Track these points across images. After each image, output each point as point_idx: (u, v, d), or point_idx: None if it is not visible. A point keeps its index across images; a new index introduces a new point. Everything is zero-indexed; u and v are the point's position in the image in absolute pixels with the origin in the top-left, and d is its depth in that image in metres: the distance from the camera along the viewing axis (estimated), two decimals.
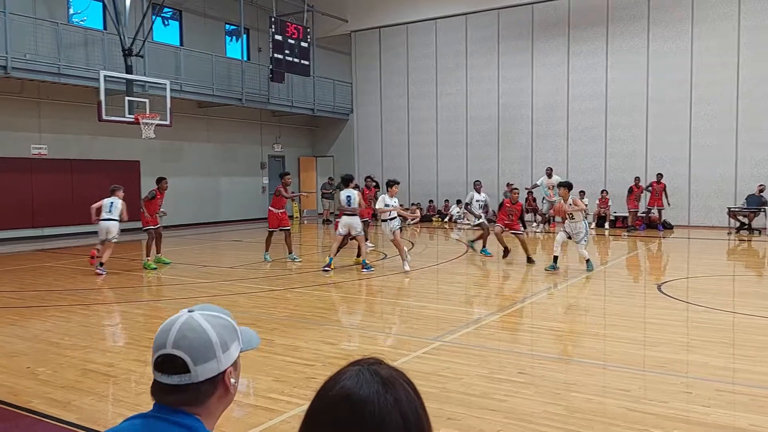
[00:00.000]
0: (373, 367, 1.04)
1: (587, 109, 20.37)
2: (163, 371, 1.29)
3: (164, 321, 1.33)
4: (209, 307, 1.37)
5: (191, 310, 1.34)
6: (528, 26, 21.27)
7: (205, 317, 1.32)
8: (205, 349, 1.28)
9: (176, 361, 1.27)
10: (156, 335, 1.32)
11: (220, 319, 1.34)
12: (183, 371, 1.27)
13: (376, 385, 1.00)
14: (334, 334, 6.61)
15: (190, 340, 1.28)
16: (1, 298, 8.87)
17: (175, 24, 20.93)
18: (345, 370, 1.04)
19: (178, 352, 1.27)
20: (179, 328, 1.29)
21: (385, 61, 24.41)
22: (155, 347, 1.31)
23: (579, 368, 5.45)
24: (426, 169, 23.58)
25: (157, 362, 1.30)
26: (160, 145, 19.16)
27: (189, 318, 1.31)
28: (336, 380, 1.03)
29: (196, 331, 1.29)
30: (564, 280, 10.18)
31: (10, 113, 16.27)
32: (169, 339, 1.28)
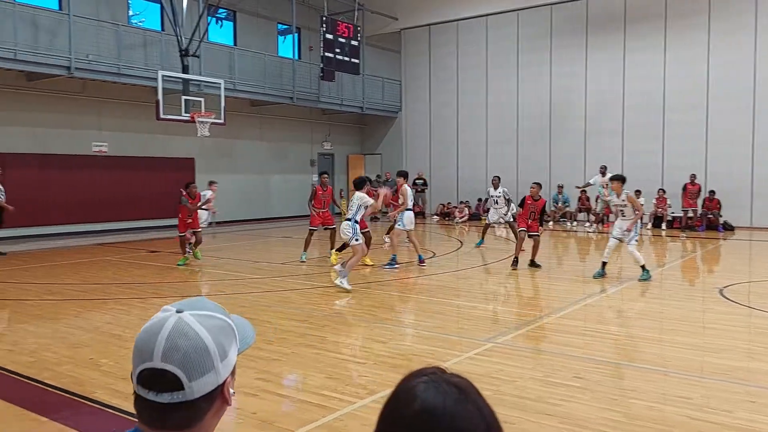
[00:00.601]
0: (443, 377, 1.01)
1: (644, 106, 19.81)
2: (150, 388, 1.06)
3: (148, 322, 1.10)
4: (200, 303, 1.14)
5: (180, 309, 1.10)
6: (582, 22, 20.82)
7: (197, 319, 1.09)
8: (201, 360, 1.06)
9: (166, 377, 1.05)
10: (137, 340, 1.09)
11: (216, 319, 1.12)
12: (175, 388, 1.05)
13: (456, 395, 0.97)
14: (384, 333, 6.63)
15: (184, 351, 1.05)
16: (65, 291, 9.24)
17: (229, 24, 21.33)
18: (413, 383, 1.00)
19: (169, 366, 1.05)
20: (168, 335, 1.06)
21: (435, 59, 24.31)
22: (139, 357, 1.07)
23: (637, 374, 5.31)
24: (475, 166, 23.38)
25: (141, 376, 1.07)
26: (214, 143, 19.58)
27: (179, 321, 1.08)
28: (411, 395, 0.98)
29: (190, 339, 1.06)
30: (619, 282, 9.93)
31: (73, 112, 16.90)
32: (156, 349, 1.05)
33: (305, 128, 24.03)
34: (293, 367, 5.53)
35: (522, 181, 22.15)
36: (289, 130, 23.27)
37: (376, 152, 26.27)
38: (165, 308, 1.12)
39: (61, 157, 16.58)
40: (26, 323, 7.19)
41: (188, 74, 16.39)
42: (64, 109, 16.71)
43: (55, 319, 7.45)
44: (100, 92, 17.25)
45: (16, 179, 15.40)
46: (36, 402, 4.73)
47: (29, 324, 7.14)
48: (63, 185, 16.56)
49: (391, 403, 1.00)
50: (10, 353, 5.93)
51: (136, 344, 1.09)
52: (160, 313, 1.11)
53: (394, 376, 5.17)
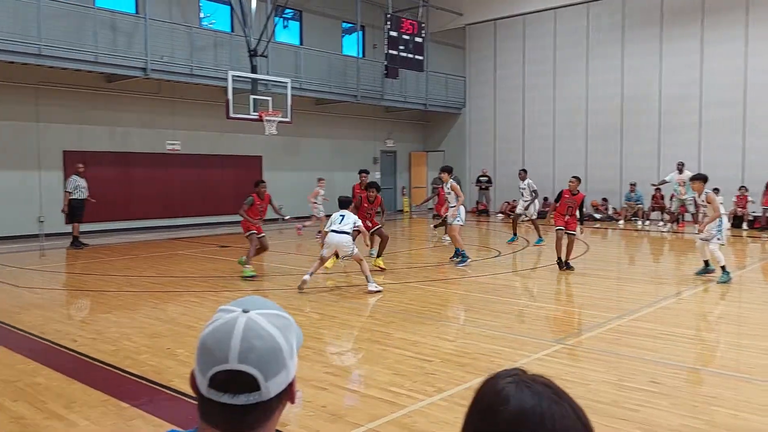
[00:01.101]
0: (532, 377, 0.99)
1: (723, 100, 18.91)
2: (226, 390, 1.04)
3: (214, 323, 1.08)
4: (261, 302, 1.13)
5: (245, 309, 1.09)
6: (657, 13, 20.06)
7: (267, 318, 1.09)
8: (275, 360, 1.06)
9: (244, 378, 1.04)
10: (206, 342, 1.06)
11: (282, 318, 1.12)
12: (252, 389, 1.04)
13: (551, 395, 0.95)
14: (450, 331, 6.59)
15: (259, 351, 1.05)
16: (142, 283, 9.64)
17: (295, 24, 21.69)
18: (502, 384, 0.97)
19: (247, 367, 1.04)
20: (243, 336, 1.05)
21: (500, 54, 23.98)
22: (210, 360, 1.05)
23: (717, 380, 5.08)
24: (542, 163, 22.92)
25: (215, 379, 1.05)
26: (280, 140, 19.96)
27: (249, 321, 1.07)
28: (503, 396, 0.95)
29: (264, 339, 1.06)
30: (695, 285, 9.54)
31: (149, 111, 17.61)
32: (231, 351, 1.04)
33: (368, 126, 24.18)
34: (361, 363, 5.58)
35: (591, 178, 21.59)
36: (353, 127, 23.47)
37: (438, 149, 26.16)
38: (225, 308, 1.11)
39: (137, 155, 17.31)
40: (108, 313, 7.55)
41: (256, 74, 16.78)
42: (141, 109, 17.43)
43: (134, 309, 7.78)
44: (174, 92, 17.89)
45: (97, 176, 16.16)
46: (118, 388, 4.96)
47: (111, 314, 7.49)
48: (139, 182, 17.29)
49: (481, 405, 0.98)
50: (94, 341, 6.24)
51: (206, 346, 1.06)
52: (224, 314, 1.09)
53: (461, 374, 5.15)
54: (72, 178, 14.11)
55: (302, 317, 7.23)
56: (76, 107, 16.14)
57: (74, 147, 16.05)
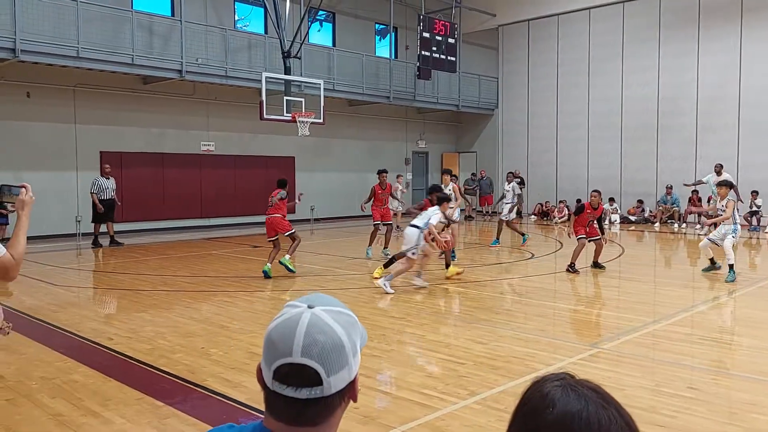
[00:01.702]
0: (579, 381, 0.98)
1: (763, 100, 18.40)
2: (289, 383, 1.07)
3: (280, 317, 1.11)
4: (325, 298, 1.15)
5: (311, 305, 1.12)
6: (694, 12, 19.63)
7: (331, 315, 1.11)
8: (338, 355, 1.08)
9: (306, 372, 1.06)
10: (272, 336, 1.09)
11: (346, 315, 1.13)
12: (314, 383, 1.06)
13: (597, 399, 0.93)
14: (484, 334, 6.54)
15: (322, 346, 1.07)
16: (177, 282, 9.79)
17: (329, 26, 21.80)
18: (548, 388, 0.96)
19: (309, 361, 1.06)
20: (307, 331, 1.07)
21: (533, 54, 23.73)
22: (275, 353, 1.08)
23: (758, 387, 4.93)
24: (576, 164, 22.62)
25: (279, 372, 1.08)
26: (313, 141, 20.09)
27: (314, 317, 1.09)
28: (548, 400, 0.94)
29: (327, 334, 1.08)
30: (732, 289, 9.29)
31: (184, 113, 17.89)
32: (295, 344, 1.06)
33: (400, 126, 24.17)
34: (393, 365, 5.57)
35: (626, 179, 21.25)
36: (385, 128, 23.49)
37: (471, 150, 26.01)
38: (292, 304, 1.13)
39: (173, 156, 17.59)
40: (143, 312, 7.68)
41: (290, 75, 16.90)
42: (176, 111, 17.71)
43: (168, 309, 7.90)
44: (209, 94, 18.14)
45: (133, 176, 16.50)
46: (153, 387, 5.04)
47: (146, 313, 7.62)
48: (174, 182, 17.57)
49: (526, 408, 0.97)
50: (130, 340, 6.35)
51: (271, 339, 1.09)
52: (290, 309, 1.12)
53: (494, 377, 5.10)
54: (95, 179, 14.47)
55: None
56: (112, 108, 16.48)
57: (110, 148, 16.39)
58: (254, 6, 19.41)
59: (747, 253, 14.09)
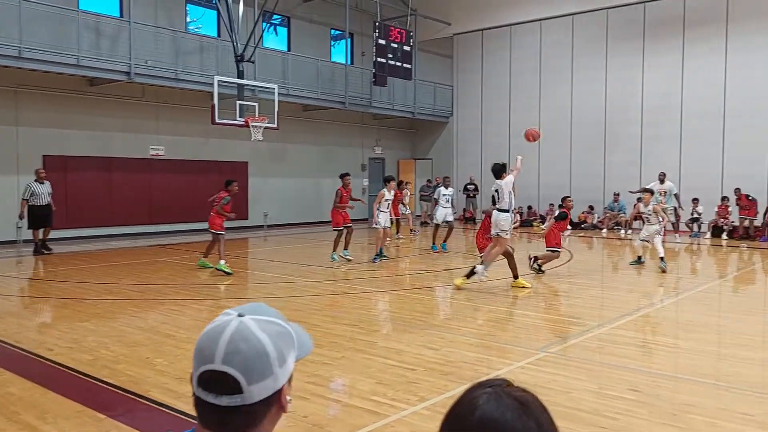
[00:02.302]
0: (506, 390, 1.00)
1: (703, 111, 19.15)
2: (210, 390, 1.08)
3: (210, 325, 1.12)
4: (261, 308, 1.16)
5: (241, 313, 1.13)
6: (639, 26, 20.30)
7: (258, 324, 1.11)
8: (261, 364, 1.08)
9: (226, 380, 1.07)
10: (199, 342, 1.11)
11: (276, 325, 1.13)
12: (234, 392, 1.07)
13: (517, 409, 0.96)
14: (435, 339, 6.57)
15: (244, 355, 1.07)
16: (122, 290, 9.52)
17: (284, 30, 21.67)
18: (476, 394, 1.00)
19: (229, 369, 1.06)
20: (230, 338, 1.08)
21: (487, 64, 24.11)
22: (199, 359, 1.10)
23: (696, 388, 5.10)
24: (527, 172, 22.96)
25: (202, 378, 1.09)
26: (267, 146, 19.89)
27: (241, 325, 1.09)
28: (472, 405, 0.98)
29: (250, 343, 1.08)
30: (676, 294, 9.61)
31: (132, 116, 17.46)
32: (217, 351, 1.07)
33: (356, 133, 24.18)
34: (343, 372, 5.54)
35: (575, 187, 21.74)
36: (341, 134, 23.46)
37: (426, 157, 26.21)
38: (226, 312, 1.14)
39: (120, 160, 17.14)
40: (86, 322, 7.43)
41: (243, 79, 16.71)
42: (124, 114, 17.28)
43: (113, 318, 7.68)
44: (158, 97, 17.77)
45: (78, 181, 16.00)
46: (94, 399, 4.87)
47: (89, 323, 7.38)
48: (122, 187, 17.11)
49: (454, 412, 1.01)
50: (71, 350, 6.14)
51: (198, 346, 1.11)
52: (223, 317, 1.13)
53: (444, 383, 5.13)
54: (28, 185, 13.92)
55: None
56: (56, 111, 15.96)
57: (54, 151, 15.86)
58: (207, 8, 19.14)
59: (688, 259, 14.59)
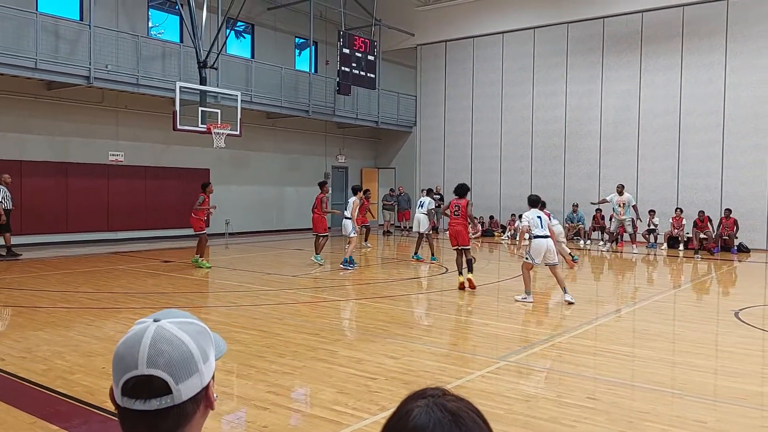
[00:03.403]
0: (440, 401, 1.03)
1: (660, 125, 19.75)
2: (137, 396, 1.07)
3: (128, 333, 1.13)
4: (175, 312, 1.18)
5: (156, 318, 1.14)
6: (598, 40, 20.84)
7: (176, 325, 1.13)
8: (186, 363, 1.09)
9: (153, 383, 1.07)
10: (117, 352, 1.11)
11: (194, 325, 1.16)
12: (163, 393, 1.08)
13: (449, 421, 0.98)
14: (396, 348, 6.59)
15: (168, 356, 1.08)
16: (78, 299, 9.29)
17: (247, 37, 21.55)
18: (412, 406, 1.02)
19: (155, 371, 1.07)
20: (151, 342, 1.08)
21: (450, 75, 24.40)
22: (121, 368, 1.09)
23: (652, 396, 5.23)
24: (489, 182, 23.36)
25: (125, 387, 1.08)
26: (229, 154, 19.72)
27: (159, 329, 1.11)
28: (406, 419, 1.00)
29: (173, 344, 1.09)
30: (633, 303, 9.84)
31: (91, 121, 17.11)
32: (140, 357, 1.07)
33: (320, 141, 24.15)
34: (304, 381, 5.51)
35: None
36: (304, 142, 23.40)
37: (390, 166, 26.33)
38: (140, 321, 1.15)
39: (78, 165, 16.76)
40: (39, 330, 7.22)
41: (206, 86, 16.55)
42: (83, 118, 16.92)
43: (68, 327, 7.48)
44: (118, 102, 17.46)
45: (34, 186, 15.58)
46: (48, 410, 4.74)
47: (43, 332, 7.18)
48: (79, 193, 16.72)
49: (389, 425, 1.03)
50: (24, 360, 5.96)
51: (117, 355, 1.10)
52: (137, 325, 1.13)
53: (405, 392, 5.05)
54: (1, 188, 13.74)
55: (245, 335, 7.10)
56: (12, 114, 15.54)
57: (9, 156, 15.43)
58: (170, 14, 18.92)
59: (645, 269, 14.97)
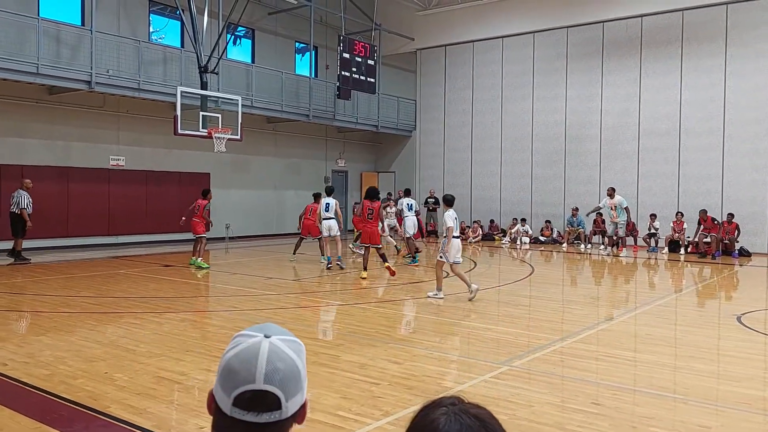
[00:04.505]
0: (462, 407, 1.02)
1: (659, 130, 19.77)
2: (251, 409, 1.13)
3: (237, 347, 1.17)
4: (278, 328, 1.23)
5: (267, 334, 1.18)
6: (598, 45, 20.88)
7: (286, 343, 1.18)
8: (295, 380, 1.16)
9: (268, 398, 1.13)
10: (232, 364, 1.15)
11: (297, 343, 1.21)
12: (274, 408, 1.13)
13: (478, 428, 0.98)
14: (399, 353, 6.59)
15: (282, 373, 1.14)
16: (80, 303, 9.29)
17: (248, 42, 21.59)
18: (436, 415, 1.00)
19: (271, 387, 1.13)
20: (267, 359, 1.14)
21: (450, 79, 24.44)
22: (234, 380, 1.14)
23: (655, 401, 5.23)
24: (489, 186, 23.37)
25: (239, 399, 1.13)
26: (230, 158, 19.73)
27: (272, 346, 1.16)
28: (433, 428, 0.99)
29: (286, 362, 1.15)
30: (634, 308, 9.84)
31: (92, 126, 17.12)
32: (258, 372, 1.13)
33: (320, 145, 24.17)
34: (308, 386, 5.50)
35: (535, 201, 22.13)
36: (304, 146, 23.42)
37: (389, 170, 26.35)
38: (245, 334, 1.19)
39: (79, 170, 16.78)
40: (42, 336, 7.22)
41: (206, 90, 16.57)
42: (84, 123, 16.94)
43: (70, 332, 7.47)
44: (120, 107, 17.48)
45: (35, 191, 15.54)
46: (51, 415, 4.74)
47: (45, 336, 7.17)
48: (80, 198, 16.73)
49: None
50: (26, 365, 5.96)
51: (231, 367, 1.15)
52: (246, 338, 1.18)
53: (408, 397, 5.14)
54: (22, 193, 14.03)
55: None
56: (13, 119, 15.56)
57: (11, 160, 15.44)
58: (171, 19, 18.96)
59: (646, 273, 14.97)
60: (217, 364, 4.68)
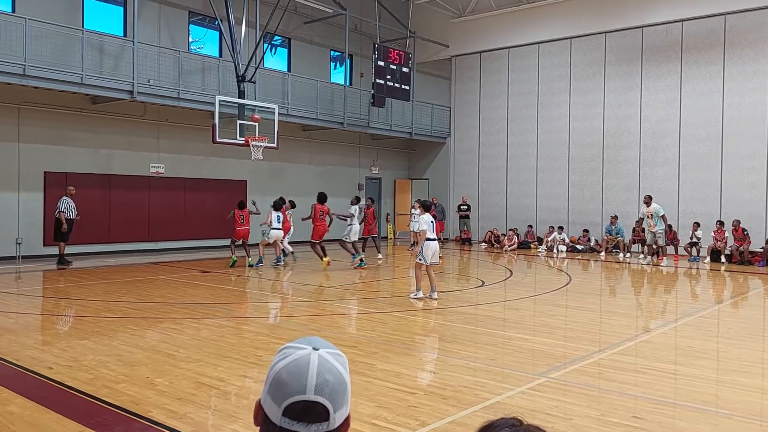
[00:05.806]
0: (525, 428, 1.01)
1: (701, 136, 19.32)
2: (301, 419, 1.15)
3: (286, 358, 1.20)
4: (324, 342, 1.25)
5: (315, 347, 1.21)
6: (637, 50, 20.54)
7: (333, 357, 1.21)
8: (343, 393, 1.19)
9: (318, 409, 1.15)
10: (279, 377, 1.18)
11: (342, 357, 1.24)
12: (323, 419, 1.16)
13: None
14: (434, 363, 6.56)
15: (332, 386, 1.17)
16: (121, 308, 9.50)
17: (284, 51, 21.87)
18: None
19: (321, 399, 1.15)
20: (318, 371, 1.17)
21: (485, 85, 24.32)
22: (284, 391, 1.16)
23: (699, 416, 5.10)
24: (525, 194, 23.15)
25: (290, 409, 1.16)
26: (266, 166, 19.98)
27: (321, 359, 1.19)
28: None
29: (335, 375, 1.18)
30: (675, 319, 9.62)
31: (133, 134, 17.54)
32: (308, 384, 1.16)
33: (354, 152, 24.30)
34: None
35: (573, 209, 21.83)
36: (338, 154, 23.57)
37: (423, 177, 26.32)
38: (293, 346, 1.22)
39: (120, 177, 17.20)
40: (85, 340, 7.41)
41: (244, 99, 16.83)
42: (126, 132, 17.36)
43: (112, 336, 7.65)
44: (160, 115, 17.87)
45: (79, 198, 15.99)
46: (94, 419, 4.85)
47: (88, 341, 7.36)
48: (121, 204, 17.14)
49: None
50: (71, 369, 6.11)
51: (279, 379, 1.18)
52: (295, 350, 1.21)
53: (445, 407, 5.11)
54: (64, 199, 14.65)
55: None
56: (58, 128, 16.04)
57: (56, 168, 15.91)
58: (209, 29, 19.32)
59: (687, 284, 14.62)
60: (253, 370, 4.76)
